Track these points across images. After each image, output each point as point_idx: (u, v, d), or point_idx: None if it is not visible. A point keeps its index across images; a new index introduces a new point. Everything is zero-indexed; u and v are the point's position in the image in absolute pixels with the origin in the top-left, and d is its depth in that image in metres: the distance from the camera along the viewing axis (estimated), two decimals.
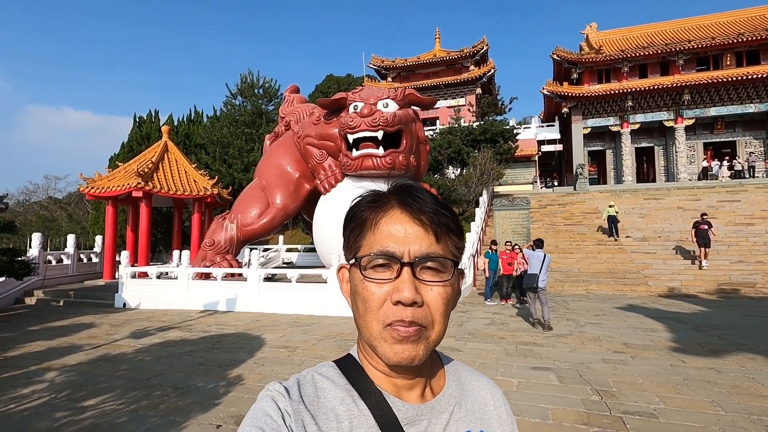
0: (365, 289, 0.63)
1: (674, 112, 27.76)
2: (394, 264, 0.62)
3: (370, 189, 0.70)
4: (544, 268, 8.14)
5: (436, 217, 0.64)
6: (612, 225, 16.86)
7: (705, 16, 30.68)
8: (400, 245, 0.62)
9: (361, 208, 0.68)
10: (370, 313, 0.62)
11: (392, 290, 0.61)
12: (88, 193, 15.23)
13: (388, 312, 0.61)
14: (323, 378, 0.67)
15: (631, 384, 4.89)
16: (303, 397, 0.63)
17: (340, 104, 11.56)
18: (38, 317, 10.19)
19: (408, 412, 0.65)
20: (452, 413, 0.69)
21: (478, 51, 33.53)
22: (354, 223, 0.67)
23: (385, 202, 0.66)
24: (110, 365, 5.89)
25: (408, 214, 0.64)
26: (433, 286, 0.63)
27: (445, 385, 0.72)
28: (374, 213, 0.66)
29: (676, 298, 12.20)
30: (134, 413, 4.16)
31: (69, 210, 39.49)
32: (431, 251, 0.63)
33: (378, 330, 0.62)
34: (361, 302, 0.63)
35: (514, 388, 4.79)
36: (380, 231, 0.64)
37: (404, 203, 0.65)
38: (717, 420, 3.88)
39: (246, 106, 22.50)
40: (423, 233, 0.63)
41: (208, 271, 11.68)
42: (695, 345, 6.70)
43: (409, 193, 0.66)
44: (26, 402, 4.52)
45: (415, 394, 0.68)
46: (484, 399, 0.75)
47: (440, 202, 0.67)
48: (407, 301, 0.60)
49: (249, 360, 6.04)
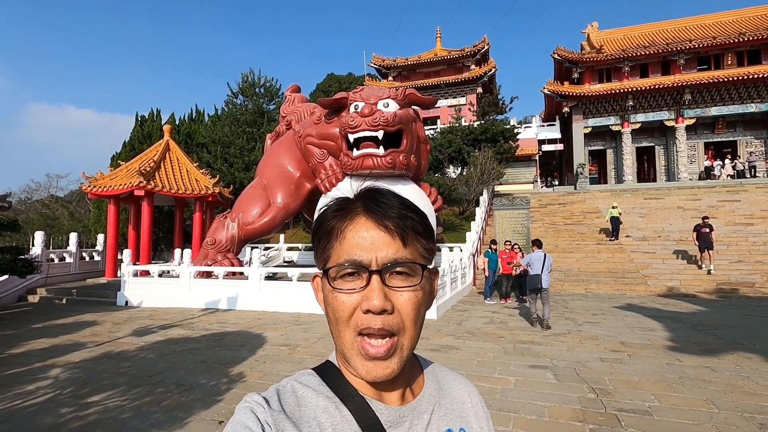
0: (335, 299, 0.63)
1: (675, 111, 27.77)
2: (363, 272, 0.62)
3: (336, 196, 0.70)
4: (546, 268, 8.12)
5: (402, 221, 0.64)
6: (614, 225, 16.68)
7: (706, 15, 30.65)
8: (366, 253, 0.62)
9: (327, 217, 0.67)
10: (342, 323, 0.62)
11: (361, 299, 0.61)
12: (90, 192, 15.32)
13: (358, 320, 0.61)
14: (303, 386, 0.66)
15: (627, 382, 4.96)
16: (284, 407, 0.62)
17: (340, 104, 11.60)
18: (41, 315, 10.28)
19: (390, 415, 0.65)
20: (432, 413, 0.70)
21: (479, 50, 33.54)
22: (321, 232, 0.66)
23: (351, 209, 0.65)
24: (113, 362, 5.98)
25: (373, 220, 0.64)
26: (402, 291, 0.63)
27: (425, 386, 0.73)
28: (340, 222, 0.65)
29: (674, 298, 12.25)
30: (138, 409, 4.23)
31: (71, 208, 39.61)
32: (399, 257, 0.62)
33: (350, 340, 0.62)
34: (332, 312, 0.63)
35: (512, 386, 4.85)
36: (347, 240, 0.63)
37: (369, 209, 0.64)
38: (710, 417, 3.95)
39: (247, 106, 22.57)
40: (389, 239, 0.63)
41: (210, 269, 11.75)
42: (692, 344, 6.76)
43: (373, 199, 0.66)
44: (31, 398, 4.60)
45: (396, 397, 0.68)
46: (462, 398, 0.77)
47: (407, 204, 0.67)
48: (376, 309, 0.60)
49: (250, 358, 6.12)
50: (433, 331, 7.87)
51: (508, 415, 4.03)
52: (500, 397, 4.51)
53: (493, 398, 4.47)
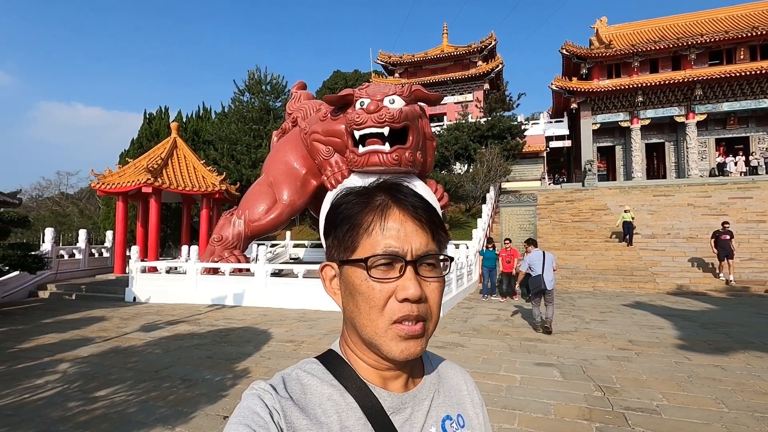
0: (370, 288, 0.64)
1: (685, 107, 27.37)
2: (397, 263, 0.64)
3: (351, 186, 0.72)
4: (548, 267, 7.52)
5: (428, 215, 0.67)
6: (627, 231, 16.06)
7: (718, 9, 30.11)
8: (402, 244, 0.64)
9: (350, 207, 0.68)
10: (375, 311, 0.64)
11: (397, 288, 0.63)
12: (99, 189, 15.45)
13: (394, 309, 0.63)
14: (308, 375, 0.68)
15: (635, 381, 4.89)
16: (290, 394, 0.64)
17: (346, 100, 11.57)
18: (51, 310, 10.41)
19: (393, 401, 0.67)
20: (433, 400, 0.72)
21: (486, 46, 33.29)
22: (349, 222, 0.67)
23: (379, 201, 0.67)
24: (121, 357, 6.03)
25: (404, 212, 0.66)
26: (431, 281, 0.66)
27: (425, 375, 0.75)
28: (370, 213, 0.66)
29: (684, 296, 12.09)
30: (144, 404, 4.26)
31: (80, 205, 40.05)
32: (429, 249, 0.66)
33: (384, 328, 0.63)
34: (365, 301, 0.64)
35: (517, 384, 4.82)
36: (379, 230, 0.65)
37: (399, 201, 0.66)
38: (720, 417, 3.88)
39: (253, 103, 22.61)
40: (420, 231, 0.66)
41: (216, 266, 11.81)
42: (701, 342, 6.67)
43: (400, 191, 0.68)
44: (40, 392, 4.65)
45: (399, 384, 0.70)
46: (458, 385, 0.80)
47: (423, 198, 0.69)
48: (414, 297, 0.62)
49: (256, 353, 6.14)
50: (439, 328, 7.83)
51: (513, 413, 4.00)
52: (505, 395, 4.47)
53: (498, 396, 4.44)
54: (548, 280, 7.42)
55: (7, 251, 11.30)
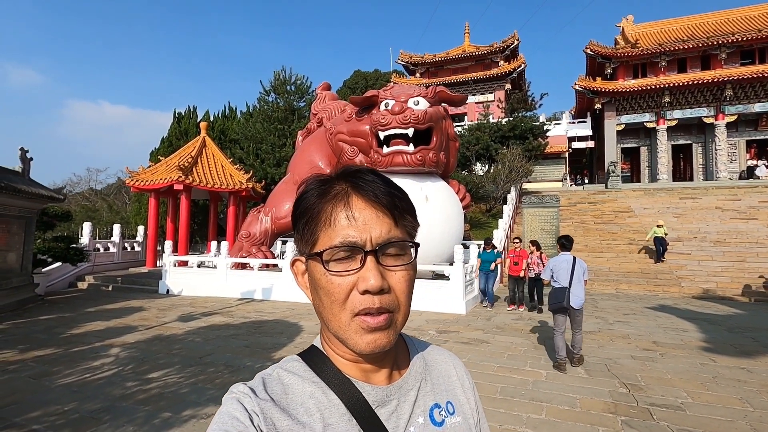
0: (329, 282, 0.62)
1: (715, 108, 26.69)
2: (357, 253, 0.61)
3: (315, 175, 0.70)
4: (577, 278, 5.53)
5: (392, 200, 0.64)
6: (659, 247, 14.78)
7: (751, 6, 29.19)
8: (360, 233, 0.61)
9: (311, 199, 0.65)
10: (337, 305, 0.62)
11: (358, 280, 0.61)
12: (133, 186, 16.15)
13: (356, 302, 0.61)
14: (289, 373, 0.66)
15: (660, 379, 5.02)
16: (270, 395, 0.62)
17: (371, 101, 11.84)
18: (92, 300, 11.02)
19: (378, 395, 0.66)
20: (419, 389, 0.71)
21: (509, 46, 33.11)
22: (308, 215, 0.65)
23: (338, 189, 0.64)
24: (165, 344, 6.45)
25: (363, 200, 0.63)
26: (396, 270, 0.63)
27: (411, 364, 0.74)
28: (328, 203, 0.64)
29: (710, 300, 11.95)
30: (194, 386, 4.63)
31: (109, 201, 41.54)
32: (392, 236, 0.63)
33: (346, 321, 0.62)
34: (326, 296, 0.62)
35: (543, 379, 5.00)
36: (338, 221, 0.62)
37: (358, 188, 0.64)
38: (744, 415, 4.00)
39: (278, 103, 23.12)
40: (381, 218, 0.63)
41: (245, 261, 12.26)
42: (727, 345, 6.69)
43: (360, 178, 0.65)
44: (99, 373, 5.08)
45: (382, 376, 0.69)
46: (448, 371, 0.79)
47: (389, 182, 0.67)
48: (375, 289, 0.60)
49: (289, 344, 6.47)
50: (463, 325, 8.04)
51: (540, 405, 4.20)
52: (532, 389, 4.67)
53: (525, 389, 4.63)
54: (576, 295, 5.49)
55: (52, 244, 12.01)
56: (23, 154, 10.11)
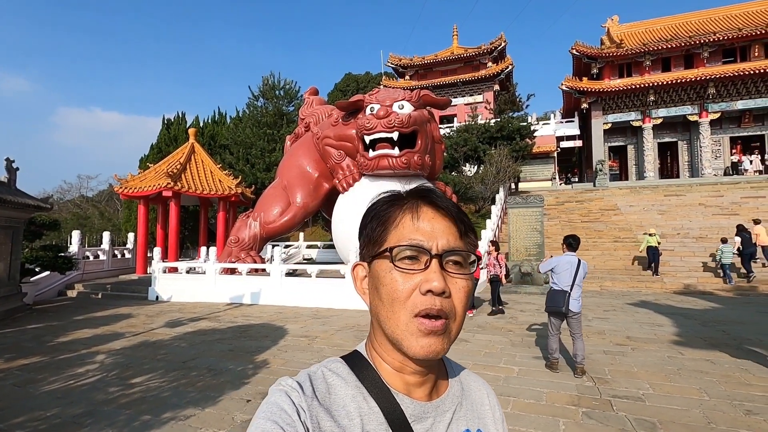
0: (393, 279, 0.63)
1: (699, 106, 27.16)
2: (423, 256, 0.64)
3: (387, 189, 0.74)
4: (579, 281, 5.31)
5: (459, 214, 0.68)
6: (652, 258, 13.99)
7: (732, 6, 29.75)
8: (428, 239, 0.64)
9: (383, 206, 0.69)
10: (398, 304, 0.63)
11: (421, 280, 0.62)
12: (122, 193, 16.20)
13: (417, 302, 0.62)
14: (333, 374, 0.68)
15: (626, 373, 5.22)
16: (316, 393, 0.64)
17: (357, 106, 12.01)
18: (81, 308, 11.08)
19: (416, 409, 0.67)
20: (455, 412, 0.72)
21: (496, 47, 33.44)
22: (378, 219, 0.68)
23: (409, 200, 0.68)
24: (150, 350, 6.57)
25: (435, 210, 0.67)
26: (457, 278, 0.65)
27: (449, 386, 0.75)
28: (399, 210, 0.67)
29: (690, 295, 12.23)
30: (176, 389, 4.76)
31: (100, 208, 41.35)
32: (457, 245, 0.65)
33: (405, 321, 0.62)
34: (388, 293, 0.64)
35: (515, 374, 5.19)
36: (407, 226, 0.65)
37: (427, 201, 0.68)
38: (700, 404, 4.21)
39: (267, 108, 23.29)
40: (449, 228, 0.66)
41: (234, 266, 12.37)
42: (697, 339, 6.93)
43: (433, 192, 0.70)
44: (83, 379, 5.20)
45: (423, 392, 0.69)
46: (481, 399, 0.80)
47: (455, 203, 0.71)
48: (438, 290, 0.61)
49: (273, 347, 6.62)
50: None
51: (508, 399, 4.38)
52: (503, 384, 4.85)
53: (496, 385, 4.82)
54: (575, 298, 5.29)
55: (40, 253, 12.05)
56: (9, 164, 10.18)
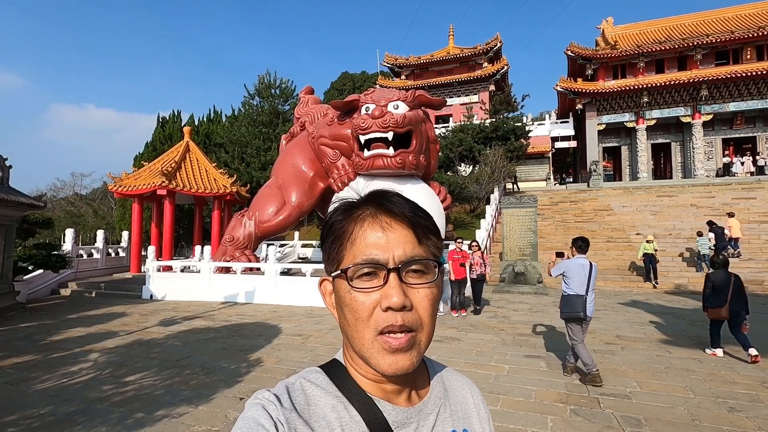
0: (353, 299, 0.62)
1: (692, 107, 27.43)
2: (380, 271, 0.62)
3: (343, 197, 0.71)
4: (592, 286, 5.17)
5: (415, 219, 0.65)
6: (650, 265, 13.61)
7: (725, 8, 30.05)
8: (383, 252, 0.62)
9: (336, 220, 0.67)
10: (361, 323, 0.62)
11: (381, 297, 0.61)
12: (115, 191, 16.14)
13: (379, 319, 0.61)
14: (312, 385, 0.67)
15: (614, 371, 5.31)
16: (294, 405, 0.63)
17: (352, 106, 12.05)
18: (75, 306, 11.04)
19: (398, 416, 0.66)
20: (438, 414, 0.71)
21: (492, 48, 33.58)
22: (333, 235, 0.67)
23: (362, 210, 0.66)
24: (144, 348, 6.59)
25: (390, 216, 0.65)
26: (419, 288, 0.63)
27: (431, 388, 0.73)
28: (352, 222, 0.65)
29: (681, 295, 12.39)
30: (169, 387, 4.79)
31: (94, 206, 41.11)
32: (415, 254, 0.63)
33: (370, 340, 0.62)
34: (350, 313, 0.63)
35: (505, 373, 5.26)
36: (361, 240, 0.63)
37: (382, 209, 0.65)
38: (685, 401, 4.30)
39: (263, 107, 23.26)
40: (404, 237, 0.64)
41: (229, 265, 12.38)
42: (685, 338, 7.04)
43: (385, 198, 0.67)
44: (76, 377, 5.21)
45: (403, 398, 0.69)
46: (465, 398, 0.78)
47: (415, 204, 0.68)
48: (397, 306, 0.60)
49: (267, 346, 6.65)
50: (438, 324, 8.28)
51: (498, 397, 4.45)
52: (493, 382, 4.92)
53: (486, 383, 4.89)
54: (591, 302, 5.10)
55: (33, 251, 12.01)
56: (2, 162, 10.12)
